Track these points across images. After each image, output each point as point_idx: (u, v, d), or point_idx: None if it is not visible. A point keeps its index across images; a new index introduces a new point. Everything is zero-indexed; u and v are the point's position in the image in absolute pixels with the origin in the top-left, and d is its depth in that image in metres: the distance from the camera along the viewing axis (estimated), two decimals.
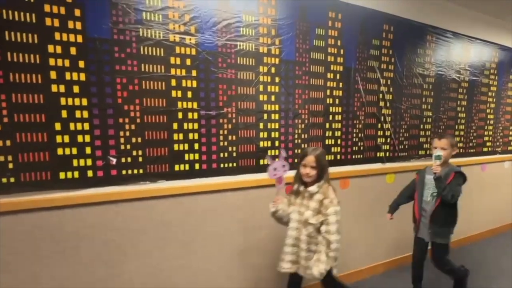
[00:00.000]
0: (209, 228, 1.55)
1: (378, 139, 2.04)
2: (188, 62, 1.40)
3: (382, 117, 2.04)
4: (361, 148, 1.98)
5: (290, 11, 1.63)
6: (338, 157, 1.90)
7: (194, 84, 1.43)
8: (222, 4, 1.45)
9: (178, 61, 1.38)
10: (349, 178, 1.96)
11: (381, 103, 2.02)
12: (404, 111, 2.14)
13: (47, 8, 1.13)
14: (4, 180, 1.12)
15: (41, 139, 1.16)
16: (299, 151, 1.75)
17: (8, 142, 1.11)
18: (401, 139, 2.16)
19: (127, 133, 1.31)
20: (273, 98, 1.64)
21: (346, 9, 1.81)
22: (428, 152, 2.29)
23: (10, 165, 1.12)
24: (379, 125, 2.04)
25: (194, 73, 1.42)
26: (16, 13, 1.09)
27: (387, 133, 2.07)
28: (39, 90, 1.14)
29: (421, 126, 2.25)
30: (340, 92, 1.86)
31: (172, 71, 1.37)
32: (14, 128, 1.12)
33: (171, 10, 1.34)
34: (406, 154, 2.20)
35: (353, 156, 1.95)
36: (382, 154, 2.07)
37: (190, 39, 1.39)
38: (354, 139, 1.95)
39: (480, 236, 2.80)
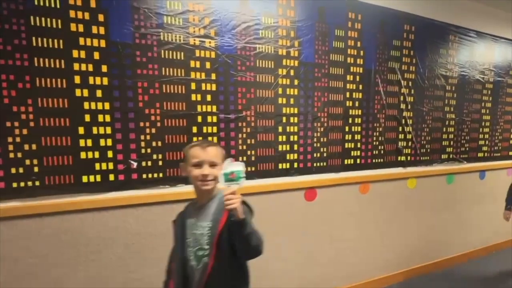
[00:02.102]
0: None
1: (399, 143, 1.97)
2: (208, 65, 1.39)
3: (403, 120, 1.97)
4: (382, 152, 1.91)
5: (309, 13, 1.60)
6: (358, 161, 1.84)
7: (214, 87, 1.41)
8: (242, 7, 1.44)
9: (198, 65, 1.37)
10: (369, 183, 1.89)
11: (402, 106, 1.96)
12: (426, 114, 2.06)
13: (72, 14, 1.15)
14: (30, 183, 1.13)
15: (65, 143, 1.17)
16: (318, 155, 1.71)
17: (34, 146, 1.13)
18: (423, 142, 2.08)
19: (148, 137, 1.30)
20: (292, 101, 1.60)
21: (366, 10, 1.76)
22: (451, 156, 2.20)
23: (36, 169, 1.14)
24: (400, 128, 1.97)
25: (213, 76, 1.41)
26: (43, 19, 1.11)
27: (408, 136, 2.00)
28: (63, 95, 1.16)
29: (444, 129, 2.16)
30: (360, 94, 1.81)
31: (192, 75, 1.37)
32: (39, 132, 1.13)
33: (191, 14, 1.34)
34: (428, 158, 2.11)
35: (373, 160, 1.89)
36: (403, 158, 2.00)
37: (209, 42, 1.39)
38: (374, 143, 1.89)
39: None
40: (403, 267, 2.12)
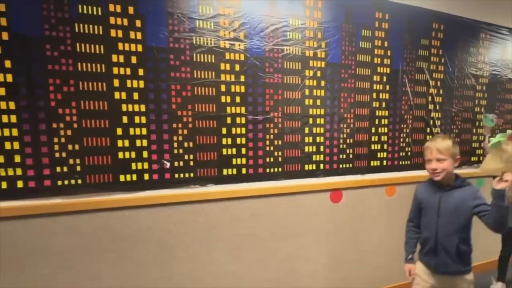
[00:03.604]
0: (255, 233, 1.54)
1: None
2: (237, 67, 1.42)
3: (431, 121, 1.92)
4: (409, 153, 1.87)
5: (336, 13, 1.59)
6: (384, 162, 1.81)
7: (243, 89, 1.44)
8: (270, 9, 1.45)
9: (227, 67, 1.40)
10: (395, 185, 1.85)
11: (430, 106, 1.90)
12: (455, 114, 2.00)
13: (112, 20, 1.20)
14: (72, 181, 1.19)
15: (105, 144, 1.23)
16: (344, 156, 1.69)
17: (76, 146, 1.19)
18: None
19: (180, 138, 1.34)
20: (318, 102, 1.60)
21: (393, 9, 1.73)
22: (482, 159, 2.11)
23: (78, 168, 1.20)
24: (428, 130, 1.91)
25: (242, 78, 1.43)
26: (86, 26, 1.17)
27: None
28: (104, 98, 1.21)
29: (474, 131, 2.09)
30: (387, 95, 1.77)
31: (222, 77, 1.39)
32: (82, 133, 1.19)
33: (222, 18, 1.37)
34: None
35: (400, 162, 1.85)
36: None
37: (239, 45, 1.41)
38: (401, 144, 1.84)
39: None
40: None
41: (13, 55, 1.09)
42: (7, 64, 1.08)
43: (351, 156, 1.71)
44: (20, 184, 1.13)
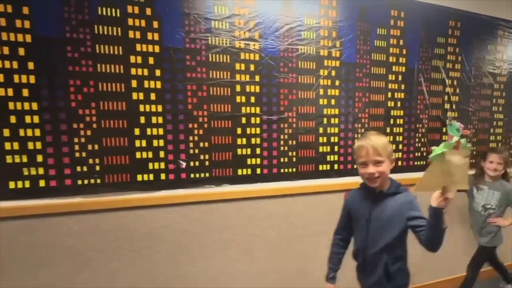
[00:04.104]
0: (269, 233, 1.54)
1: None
2: (252, 67, 1.41)
3: (448, 121, 1.88)
4: (424, 154, 1.83)
5: (351, 12, 1.58)
6: (400, 163, 1.78)
7: (257, 89, 1.43)
8: (285, 9, 1.45)
9: (242, 67, 1.40)
10: (410, 186, 1.82)
11: (447, 106, 1.87)
12: (472, 114, 1.95)
13: (130, 21, 1.22)
14: (92, 181, 1.21)
15: (123, 144, 1.24)
16: None
17: (96, 146, 1.20)
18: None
19: (196, 138, 1.35)
20: (333, 102, 1.59)
21: (409, 7, 1.70)
22: None
23: (97, 167, 1.21)
24: (444, 129, 1.87)
25: (257, 78, 1.43)
26: (105, 27, 1.19)
27: None
28: (122, 98, 1.23)
29: (491, 130, 2.03)
30: (402, 94, 1.75)
31: (237, 77, 1.39)
32: (101, 133, 1.21)
33: (237, 18, 1.37)
34: (473, 161, 1.99)
35: (415, 163, 1.82)
36: None
37: (254, 45, 1.41)
38: (416, 144, 1.81)
39: None
40: (446, 275, 2.02)
41: (36, 57, 1.11)
42: (30, 65, 1.10)
43: None
44: (42, 183, 1.15)
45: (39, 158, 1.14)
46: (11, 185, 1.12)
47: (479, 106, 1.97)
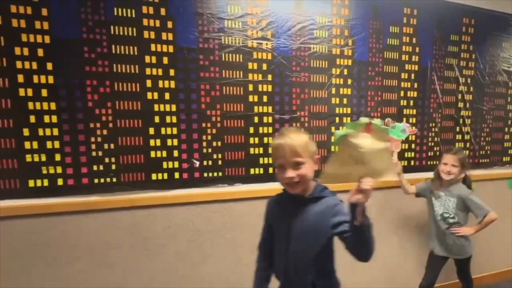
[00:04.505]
0: None
1: (457, 144, 1.85)
2: (264, 67, 1.41)
3: (461, 120, 1.85)
4: (437, 153, 1.81)
5: (363, 10, 1.56)
6: (412, 163, 1.76)
7: (270, 88, 1.43)
8: (297, 7, 1.44)
9: (255, 66, 1.40)
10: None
11: (460, 104, 1.84)
12: (486, 113, 1.92)
13: (145, 22, 1.23)
14: (108, 180, 1.23)
15: (138, 143, 1.26)
16: None
17: (112, 146, 1.22)
18: (483, 143, 1.93)
19: (209, 137, 1.35)
20: (345, 101, 1.58)
21: (422, 4, 1.68)
22: None
23: (113, 167, 1.23)
24: (458, 128, 1.85)
25: (269, 77, 1.43)
26: (121, 28, 1.20)
27: (467, 137, 1.87)
28: (137, 98, 1.24)
29: (506, 129, 2.00)
30: (415, 93, 1.72)
31: (250, 76, 1.40)
32: (117, 133, 1.22)
33: (249, 17, 1.37)
34: (488, 160, 1.96)
35: (428, 162, 1.80)
36: None
37: (266, 44, 1.41)
38: (429, 144, 1.79)
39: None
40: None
41: (54, 58, 1.13)
42: (49, 66, 1.12)
43: None
44: (60, 181, 1.17)
45: (57, 157, 1.16)
46: (31, 183, 1.14)
47: (493, 105, 1.93)
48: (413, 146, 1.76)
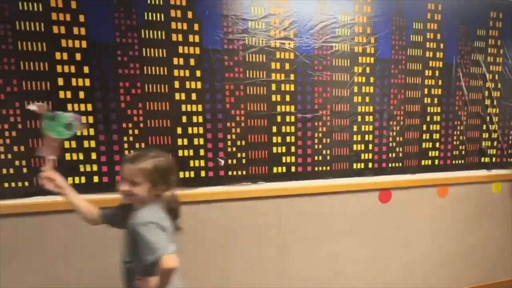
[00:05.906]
0: (302, 231, 1.55)
1: (483, 143, 1.80)
2: (287, 66, 1.43)
3: (488, 117, 1.79)
4: (463, 152, 1.76)
5: (386, 7, 1.55)
6: (436, 162, 1.72)
7: (292, 87, 1.45)
8: (319, 6, 1.45)
9: (278, 66, 1.42)
10: (448, 186, 1.76)
11: (487, 101, 1.78)
12: None
13: (173, 25, 1.27)
14: None
15: (167, 142, 1.30)
16: (393, 155, 1.64)
17: (143, 145, 1.27)
18: (511, 142, 1.86)
19: (233, 136, 1.39)
20: (367, 99, 1.57)
21: None
22: None
23: None
24: (484, 127, 1.79)
25: (292, 77, 1.44)
26: (151, 32, 1.25)
27: (494, 135, 1.81)
28: (166, 99, 1.29)
29: None
30: (439, 90, 1.69)
31: (273, 76, 1.41)
32: (147, 132, 1.28)
33: (272, 17, 1.39)
34: None
35: (453, 162, 1.75)
36: (487, 159, 1.81)
37: (289, 44, 1.42)
38: (454, 142, 1.75)
39: None
40: (480, 280, 1.93)
41: (90, 62, 1.19)
42: (86, 69, 1.19)
43: (400, 154, 1.65)
44: (96, 179, 1.23)
45: (93, 156, 1.22)
46: (69, 180, 1.20)
47: None
48: (437, 145, 1.72)
